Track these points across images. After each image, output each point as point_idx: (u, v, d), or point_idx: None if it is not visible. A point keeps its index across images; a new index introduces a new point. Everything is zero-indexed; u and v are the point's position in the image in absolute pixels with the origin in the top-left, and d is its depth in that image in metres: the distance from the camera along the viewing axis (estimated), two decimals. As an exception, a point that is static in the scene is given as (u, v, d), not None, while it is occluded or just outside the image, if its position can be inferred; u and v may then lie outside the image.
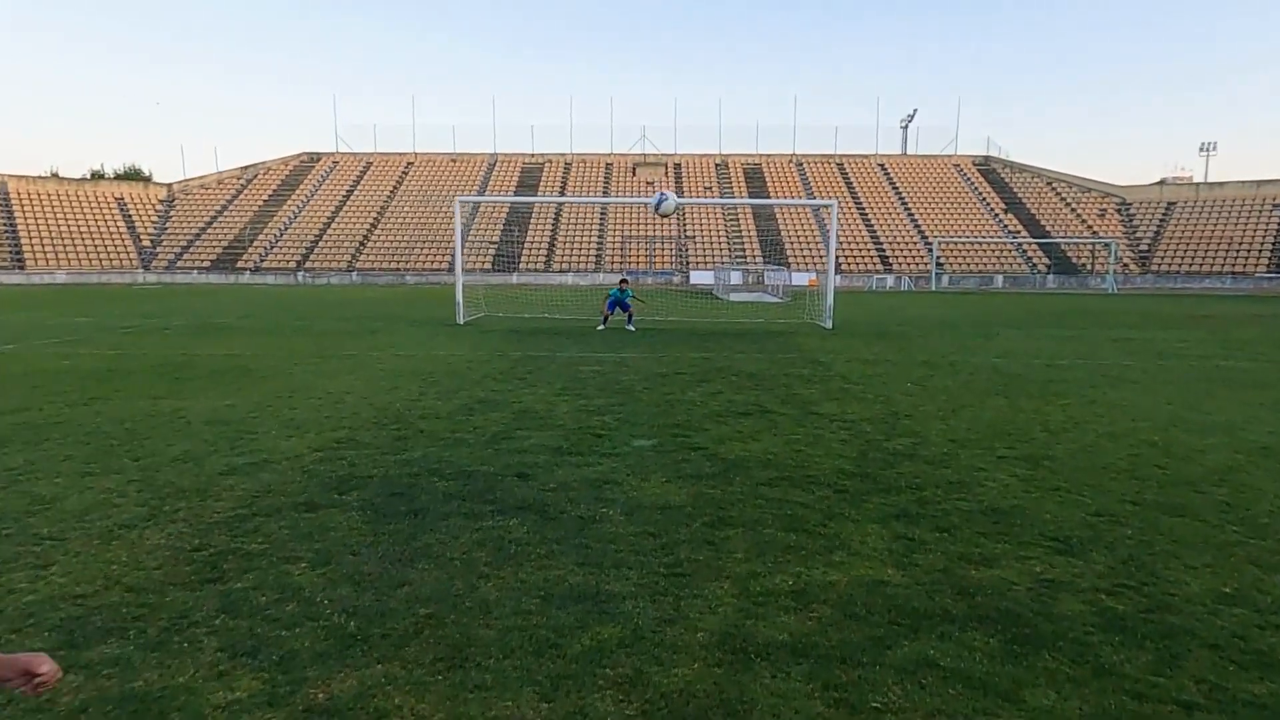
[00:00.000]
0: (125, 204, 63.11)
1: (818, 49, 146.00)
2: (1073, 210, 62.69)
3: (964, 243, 58.33)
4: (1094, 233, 59.53)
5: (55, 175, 73.04)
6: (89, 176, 79.46)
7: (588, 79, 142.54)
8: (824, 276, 19.95)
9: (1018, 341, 16.49)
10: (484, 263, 57.64)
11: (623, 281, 19.38)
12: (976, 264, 57.33)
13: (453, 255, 59.55)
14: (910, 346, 15.22)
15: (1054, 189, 65.97)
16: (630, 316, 18.74)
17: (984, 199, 65.40)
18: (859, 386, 10.31)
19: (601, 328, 18.43)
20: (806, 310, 23.11)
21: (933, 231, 60.00)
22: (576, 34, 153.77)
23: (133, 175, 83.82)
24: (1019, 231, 60.27)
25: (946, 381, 10.85)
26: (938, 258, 55.23)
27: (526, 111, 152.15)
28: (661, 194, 16.69)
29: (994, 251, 58.42)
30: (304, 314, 22.87)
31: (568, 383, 10.29)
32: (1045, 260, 57.57)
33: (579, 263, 57.91)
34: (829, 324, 19.49)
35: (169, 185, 67.25)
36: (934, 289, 49.62)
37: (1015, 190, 66.53)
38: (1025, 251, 58.57)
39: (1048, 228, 60.61)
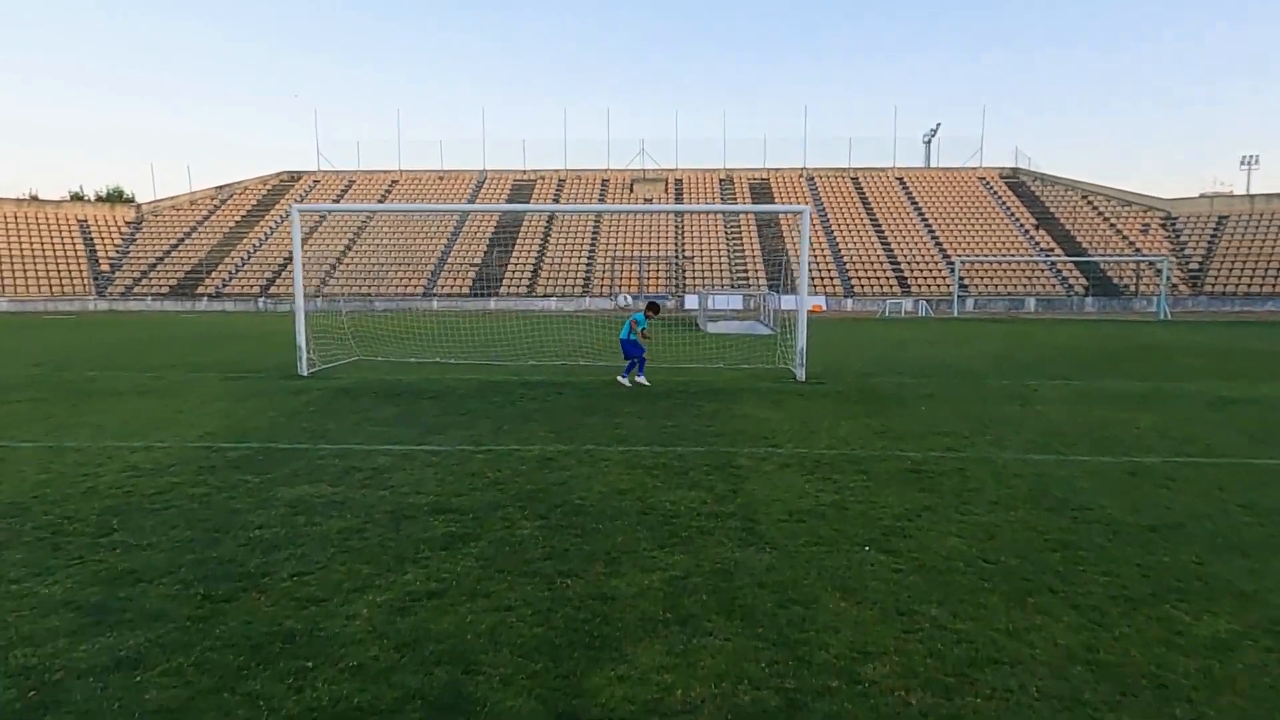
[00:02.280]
0: (88, 226, 59.41)
1: (830, 57, 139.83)
2: (1112, 226, 56.79)
3: (991, 262, 52.66)
4: (1136, 250, 53.59)
5: (34, 198, 69.92)
6: (68, 198, 76.38)
7: (583, 91, 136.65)
8: (798, 304, 14.68)
9: (1068, 408, 11.07)
10: (462, 287, 53.01)
11: (651, 307, 13.64)
12: (1005, 285, 51.59)
13: (430, 277, 55.09)
14: (902, 421, 9.89)
15: (1090, 203, 60.13)
16: (632, 365, 13.30)
17: (1012, 214, 59.71)
18: (765, 554, 5.06)
19: (634, 380, 13.18)
20: (779, 351, 17.81)
21: (956, 250, 54.41)
22: (571, 44, 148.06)
23: (114, 197, 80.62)
24: (1052, 249, 54.49)
25: (946, 526, 5.57)
26: (961, 278, 49.55)
27: (518, 126, 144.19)
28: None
29: (1024, 271, 52.66)
30: (135, 358, 17.99)
31: (180, 546, 5.14)
32: (1083, 281, 51.70)
33: (566, 287, 53.00)
34: (800, 373, 14.19)
35: (138, 206, 63.61)
36: (956, 314, 43.97)
37: (1047, 204, 60.78)
38: (1060, 271, 52.74)
39: (1084, 245, 54.78)
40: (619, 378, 13.36)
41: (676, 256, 56.24)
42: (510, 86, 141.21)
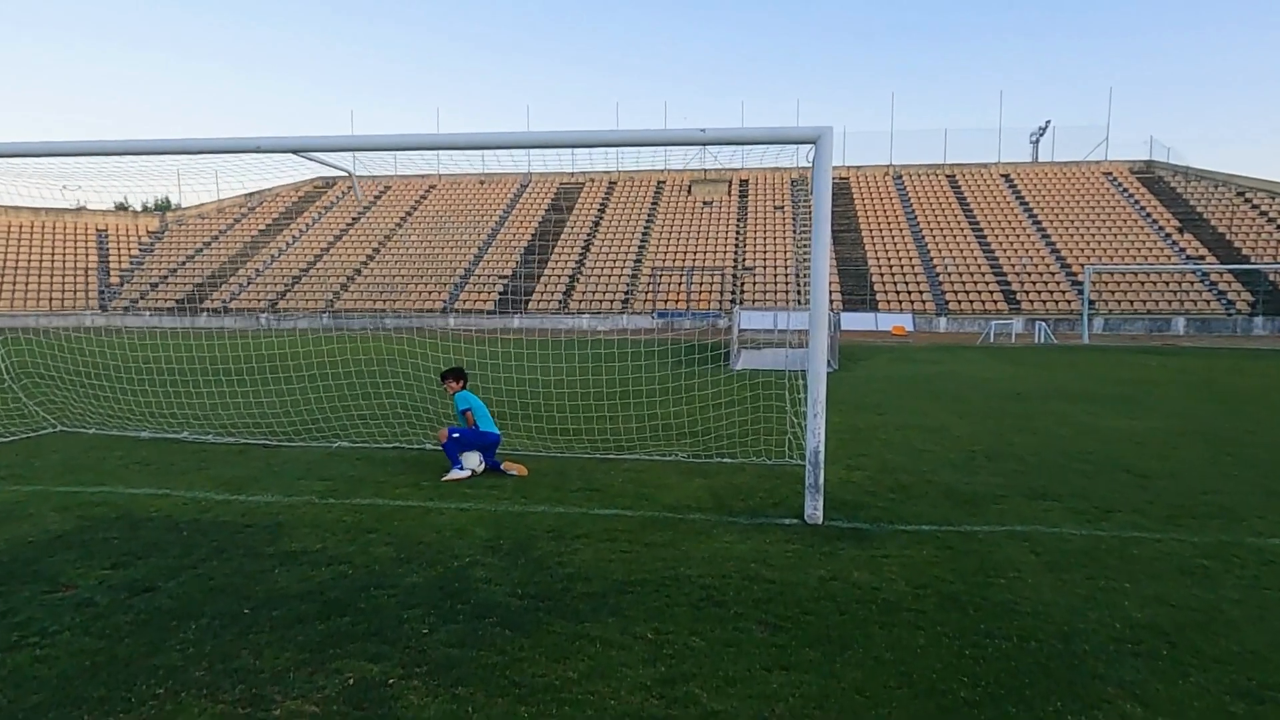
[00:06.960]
0: (106, 236, 55.86)
1: (920, 35, 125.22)
2: (1280, 227, 45.64)
3: (1125, 272, 42.56)
4: (1318, 258, 42.45)
5: (82, 208, 67.64)
6: (112, 208, 74.17)
7: (636, 83, 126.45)
8: (812, 342, 6.76)
9: None
10: (485, 302, 46.44)
11: (454, 377, 8.27)
12: (1144, 301, 41.42)
13: (453, 291, 48.77)
14: None
15: (1249, 200, 48.95)
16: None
17: (1149, 215, 49.13)
18: None
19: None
20: (792, 432, 9.74)
21: (1077, 259, 44.49)
22: (623, 33, 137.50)
23: (162, 207, 78.23)
24: (1203, 257, 43.88)
25: None
26: (1089, 296, 39.64)
27: (565, 124, 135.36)
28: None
29: (1169, 284, 42.32)
30: None
31: None
32: (1245, 296, 41.01)
33: (603, 302, 45.74)
34: (813, 508, 6.25)
35: (162, 215, 59.97)
36: (1086, 339, 34.33)
37: (1192, 203, 49.91)
38: (1214, 284, 42.15)
39: (1245, 251, 43.94)
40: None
41: (736, 268, 48.24)
42: (556, 83, 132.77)
